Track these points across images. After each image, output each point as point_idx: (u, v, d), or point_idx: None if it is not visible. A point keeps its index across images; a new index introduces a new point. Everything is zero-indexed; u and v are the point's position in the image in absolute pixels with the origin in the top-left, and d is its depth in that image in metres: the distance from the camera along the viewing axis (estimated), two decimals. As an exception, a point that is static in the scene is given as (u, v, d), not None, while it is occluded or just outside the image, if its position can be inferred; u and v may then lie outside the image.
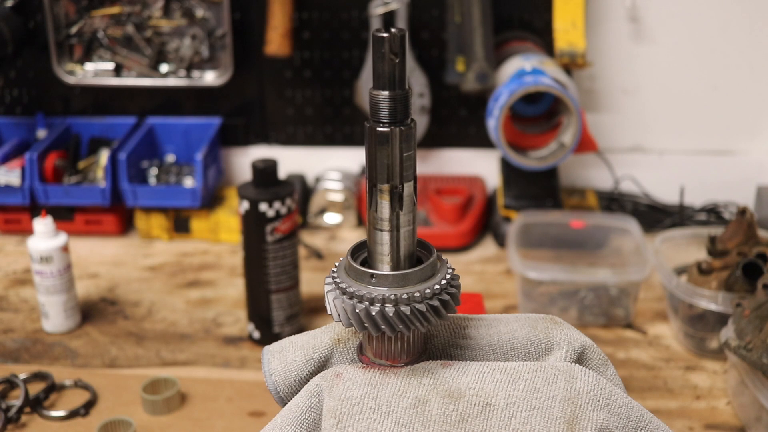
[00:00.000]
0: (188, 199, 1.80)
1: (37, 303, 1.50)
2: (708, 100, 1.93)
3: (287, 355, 0.82)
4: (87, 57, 1.93)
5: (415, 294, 0.72)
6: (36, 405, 1.30)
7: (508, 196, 1.80)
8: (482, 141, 1.92)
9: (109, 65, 1.92)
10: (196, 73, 1.92)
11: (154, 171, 1.91)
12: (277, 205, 1.37)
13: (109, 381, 1.37)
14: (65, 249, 1.46)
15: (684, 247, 1.59)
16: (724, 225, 1.76)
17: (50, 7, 1.86)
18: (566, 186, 1.96)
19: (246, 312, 1.47)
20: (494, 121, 1.68)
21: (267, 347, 0.84)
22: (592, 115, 1.94)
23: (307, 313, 1.55)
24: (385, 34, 0.69)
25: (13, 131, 1.98)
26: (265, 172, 1.39)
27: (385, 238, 0.74)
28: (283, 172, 1.93)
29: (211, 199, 1.88)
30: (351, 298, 0.73)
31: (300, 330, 1.47)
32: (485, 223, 1.88)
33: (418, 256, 0.77)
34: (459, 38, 1.78)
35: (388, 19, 1.82)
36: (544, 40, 1.86)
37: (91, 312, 1.57)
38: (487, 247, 1.83)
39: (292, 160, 1.98)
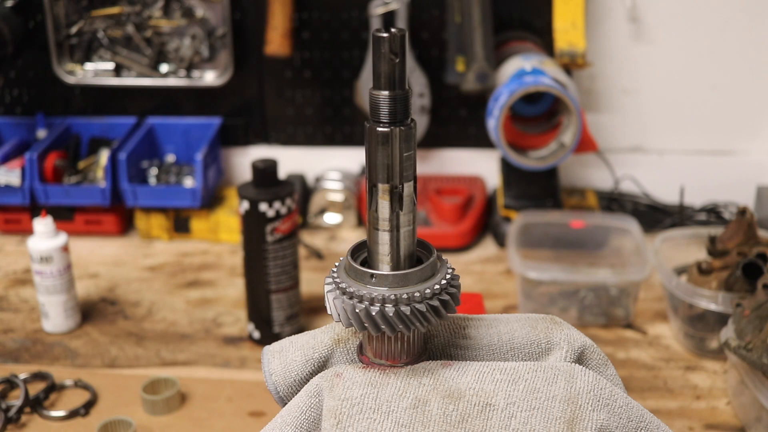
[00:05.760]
0: (188, 199, 1.80)
1: (37, 303, 1.50)
2: (708, 100, 1.93)
3: (287, 355, 0.82)
4: (87, 57, 1.93)
5: (415, 294, 0.72)
6: (36, 405, 1.30)
7: (508, 196, 1.80)
8: (482, 141, 1.92)
9: (109, 65, 1.92)
10: (196, 73, 1.92)
11: (154, 171, 1.91)
12: (277, 205, 1.37)
13: (109, 381, 1.37)
14: (65, 249, 1.46)
15: (684, 247, 1.59)
16: (724, 225, 1.76)
17: (50, 7, 1.86)
18: (566, 186, 1.96)
19: (246, 312, 1.47)
20: (494, 121, 1.68)
21: (267, 347, 0.84)
22: (592, 115, 1.94)
23: (307, 313, 1.55)
24: (385, 34, 0.69)
25: (13, 131, 1.98)
26: (265, 172, 1.39)
27: (385, 238, 0.74)
28: (283, 172, 1.93)
29: (211, 199, 1.88)
30: (351, 298, 0.73)
31: (300, 330, 1.47)
32: (485, 223, 1.88)
33: (418, 256, 0.77)
34: (459, 38, 1.78)
35: (388, 19, 1.82)
36: (544, 40, 1.86)
37: (91, 312, 1.57)
38: (487, 247, 1.83)
39: (292, 160, 1.97)
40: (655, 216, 1.89)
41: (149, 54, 1.90)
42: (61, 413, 1.28)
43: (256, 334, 1.46)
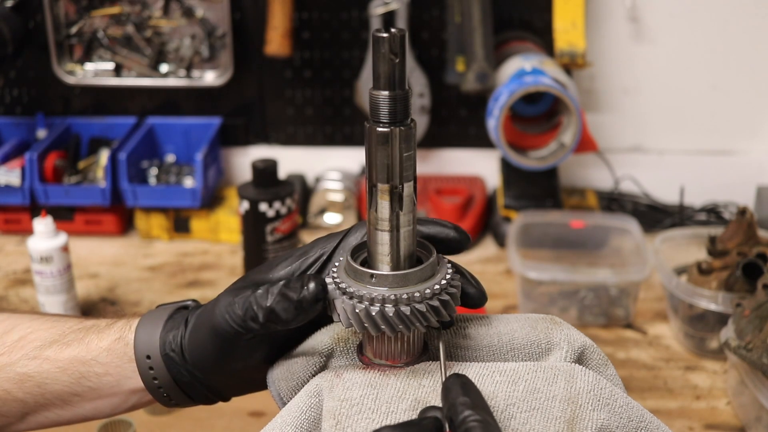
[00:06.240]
0: (188, 199, 1.80)
1: (37, 303, 1.50)
2: (708, 99, 1.93)
3: (287, 355, 0.81)
4: (87, 57, 1.93)
5: (415, 294, 0.72)
6: (36, 405, 1.30)
7: (508, 196, 1.80)
8: (482, 141, 1.92)
9: (109, 65, 1.92)
10: (196, 73, 1.92)
11: (154, 171, 1.90)
12: (277, 205, 1.37)
13: (109, 381, 1.36)
14: (65, 249, 1.46)
15: (684, 247, 1.59)
16: (724, 225, 1.76)
17: (50, 7, 1.86)
18: (566, 186, 1.96)
19: (246, 312, 1.47)
20: (494, 121, 1.68)
21: (267, 347, 0.83)
22: (592, 115, 1.94)
23: (307, 313, 1.54)
24: (385, 34, 0.68)
25: (13, 131, 1.98)
26: (265, 172, 1.39)
27: (384, 238, 0.74)
28: (283, 172, 1.93)
29: (211, 199, 1.88)
30: (351, 298, 0.73)
31: (300, 330, 1.47)
32: (485, 223, 1.88)
33: (418, 257, 0.77)
34: (459, 38, 1.78)
35: (388, 19, 1.82)
36: (544, 40, 1.85)
37: (91, 312, 1.57)
38: (487, 247, 1.83)
39: (292, 160, 1.97)
40: (655, 216, 1.89)
41: (149, 54, 1.90)
42: (61, 413, 1.28)
43: (256, 334, 1.46)
